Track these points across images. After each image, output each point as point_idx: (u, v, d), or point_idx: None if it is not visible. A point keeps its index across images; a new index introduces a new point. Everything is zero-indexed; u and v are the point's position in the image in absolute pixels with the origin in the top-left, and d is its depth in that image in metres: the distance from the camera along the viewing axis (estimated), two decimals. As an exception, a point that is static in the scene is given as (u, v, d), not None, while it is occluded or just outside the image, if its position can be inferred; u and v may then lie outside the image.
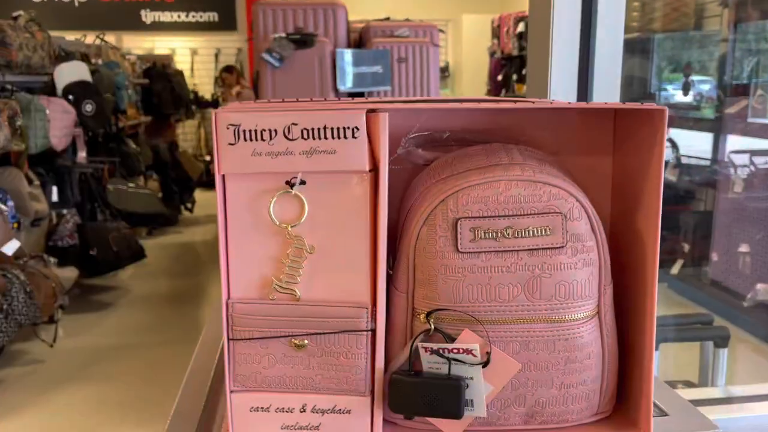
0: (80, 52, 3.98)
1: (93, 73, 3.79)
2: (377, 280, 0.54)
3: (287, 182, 0.54)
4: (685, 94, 3.38)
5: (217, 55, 7.19)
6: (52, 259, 3.15)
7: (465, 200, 0.52)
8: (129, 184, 4.30)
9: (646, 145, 0.57)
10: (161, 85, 5.22)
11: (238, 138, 0.52)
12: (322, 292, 0.55)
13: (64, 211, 3.46)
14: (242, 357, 0.56)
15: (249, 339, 0.55)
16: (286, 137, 0.52)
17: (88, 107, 3.74)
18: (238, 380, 0.57)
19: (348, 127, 0.52)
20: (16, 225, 2.86)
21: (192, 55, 7.24)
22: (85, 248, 3.42)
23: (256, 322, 0.55)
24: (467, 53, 7.32)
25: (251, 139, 0.52)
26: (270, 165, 0.53)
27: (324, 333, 0.55)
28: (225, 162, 0.53)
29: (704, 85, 3.40)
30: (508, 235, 0.52)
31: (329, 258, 0.55)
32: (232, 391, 0.57)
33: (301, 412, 0.57)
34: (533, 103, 0.57)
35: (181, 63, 6.94)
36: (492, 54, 6.39)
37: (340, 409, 0.57)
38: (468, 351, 0.53)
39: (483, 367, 0.53)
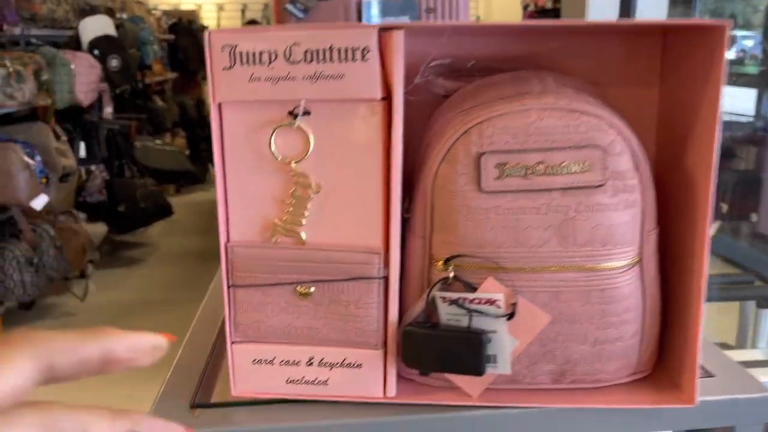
0: (105, 6, 3.94)
1: (117, 27, 3.75)
2: (390, 223, 0.49)
3: (290, 112, 0.48)
4: (728, 48, 3.20)
5: (243, 11, 7.08)
6: (82, 215, 3.17)
7: (490, 132, 0.46)
8: (156, 141, 4.29)
9: (701, 71, 0.49)
10: (187, 41, 5.17)
11: (234, 61, 0.47)
12: (330, 236, 0.50)
13: (93, 167, 3.48)
14: (243, 305, 0.51)
15: (250, 286, 0.51)
16: (287, 60, 0.46)
17: (114, 62, 3.71)
18: (239, 330, 0.52)
19: (357, 48, 0.46)
20: (44, 180, 2.87)
21: (218, 11, 7.15)
22: (114, 204, 3.44)
23: (257, 268, 0.50)
24: (500, 6, 7.07)
25: (248, 63, 0.47)
26: (270, 92, 0.47)
27: (331, 280, 0.50)
28: (220, 89, 0.48)
29: (748, 40, 3.21)
30: (540, 171, 0.46)
31: (337, 198, 0.49)
32: (233, 342, 0.53)
33: (307, 365, 0.52)
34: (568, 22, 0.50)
35: (207, 19, 6.86)
36: (525, 7, 6.15)
37: (350, 363, 0.52)
38: (491, 301, 0.48)
39: (508, 319, 0.48)
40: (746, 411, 0.53)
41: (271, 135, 0.48)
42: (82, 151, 3.42)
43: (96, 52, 3.55)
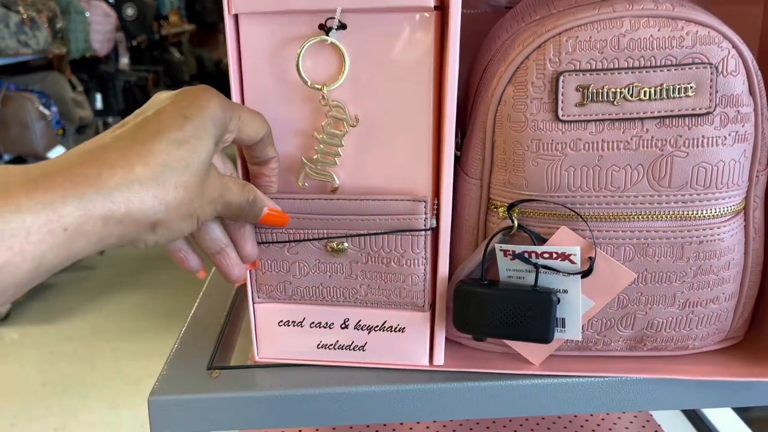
0: (118, -48, 3.81)
1: (132, -26, 3.63)
2: (442, 164, 0.41)
3: (321, 26, 0.39)
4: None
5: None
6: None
7: (571, 46, 0.37)
8: (174, 94, 4.20)
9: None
10: (204, -10, 5.01)
11: (253, -41, 0.38)
12: (368, 179, 0.42)
13: (110, 120, 3.41)
14: (267, 264, 0.44)
15: (272, 242, 0.43)
16: (318, -43, 0.37)
17: (129, 11, 3.62)
18: (263, 291, 0.45)
19: (405, -59, 0.37)
20: (61, 131, 2.81)
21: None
22: (132, 158, 3.38)
23: (283, 215, 0.43)
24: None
25: (271, -39, 0.38)
26: (297, 0, 0.38)
27: (368, 234, 0.42)
28: (237, -4, 0.39)
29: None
30: (632, 95, 0.37)
31: (378, 133, 0.41)
32: (255, 302, 0.46)
33: (342, 328, 0.45)
34: None
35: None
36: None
37: (391, 326, 0.45)
38: (565, 256, 0.40)
39: (583, 277, 0.40)
40: None
41: (299, 54, 0.40)
42: (99, 103, 3.36)
43: (111, 0, 3.45)
